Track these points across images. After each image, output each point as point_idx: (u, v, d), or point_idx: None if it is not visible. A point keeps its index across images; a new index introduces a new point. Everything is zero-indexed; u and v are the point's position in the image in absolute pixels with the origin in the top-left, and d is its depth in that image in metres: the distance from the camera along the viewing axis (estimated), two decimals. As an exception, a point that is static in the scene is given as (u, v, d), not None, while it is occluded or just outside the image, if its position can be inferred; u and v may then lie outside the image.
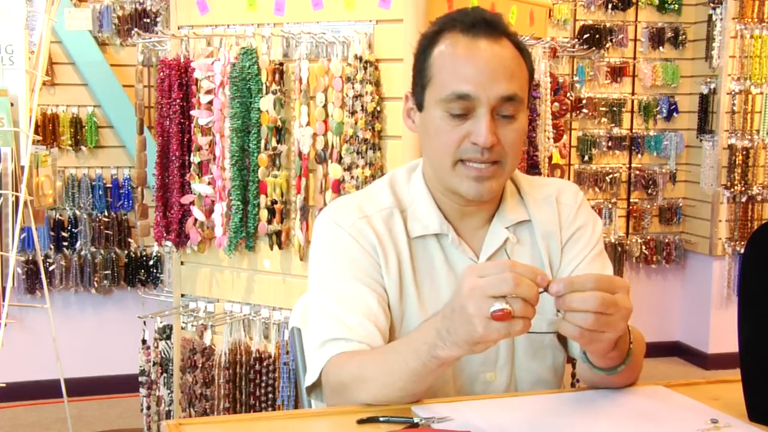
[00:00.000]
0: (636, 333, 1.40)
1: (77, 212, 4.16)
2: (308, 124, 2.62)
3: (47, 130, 4.07)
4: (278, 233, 2.71)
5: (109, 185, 4.19)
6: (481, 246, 1.52)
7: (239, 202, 2.73)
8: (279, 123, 2.67)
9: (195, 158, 2.82)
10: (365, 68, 2.53)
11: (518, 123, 1.44)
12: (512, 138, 1.43)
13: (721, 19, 4.76)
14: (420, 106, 1.49)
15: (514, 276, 1.12)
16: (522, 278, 1.12)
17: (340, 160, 2.57)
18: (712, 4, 4.80)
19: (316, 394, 1.48)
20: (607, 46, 4.92)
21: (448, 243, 1.51)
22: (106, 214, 4.18)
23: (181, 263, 2.99)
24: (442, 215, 1.51)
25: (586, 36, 4.82)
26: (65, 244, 4.15)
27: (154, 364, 3.02)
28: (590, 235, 1.56)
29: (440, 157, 1.45)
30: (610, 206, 4.99)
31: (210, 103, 2.77)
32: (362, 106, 2.53)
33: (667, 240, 5.11)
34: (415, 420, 1.24)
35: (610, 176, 4.98)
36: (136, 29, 3.81)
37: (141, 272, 4.27)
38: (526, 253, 1.54)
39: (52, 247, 4.13)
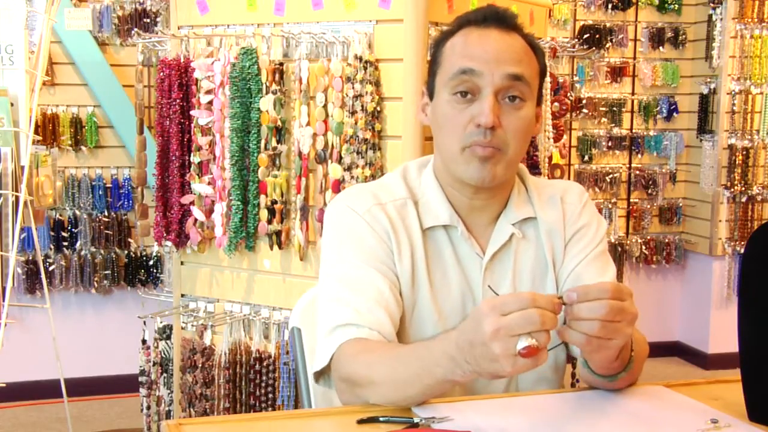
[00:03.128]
0: (639, 337, 1.40)
1: (77, 212, 4.16)
2: (308, 124, 2.62)
3: (47, 130, 4.07)
4: (278, 233, 2.71)
5: (109, 185, 4.19)
6: (488, 242, 1.53)
7: (239, 202, 2.73)
8: (279, 123, 2.67)
9: (195, 158, 2.82)
10: (365, 68, 2.53)
11: (524, 111, 1.45)
12: (516, 125, 1.44)
13: (721, 19, 4.76)
14: (431, 95, 1.52)
15: (541, 313, 1.09)
16: (546, 313, 1.10)
17: (340, 160, 2.57)
18: (712, 4, 4.80)
19: (325, 380, 1.48)
20: (607, 46, 4.92)
21: (458, 235, 1.52)
22: (106, 214, 4.18)
23: (181, 263, 2.99)
24: (452, 208, 1.52)
25: (586, 36, 4.82)
26: (65, 244, 4.15)
27: (154, 364, 3.02)
28: (593, 234, 1.56)
29: (449, 143, 1.47)
30: (610, 206, 4.99)
31: (210, 103, 2.77)
32: (362, 106, 2.53)
33: (667, 240, 5.11)
34: (415, 420, 1.24)
35: (610, 176, 4.98)
36: (136, 29, 3.81)
37: (141, 272, 4.27)
38: (530, 249, 1.55)
39: (52, 247, 4.13)
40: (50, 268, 4.14)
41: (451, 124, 1.45)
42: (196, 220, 2.85)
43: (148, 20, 4.16)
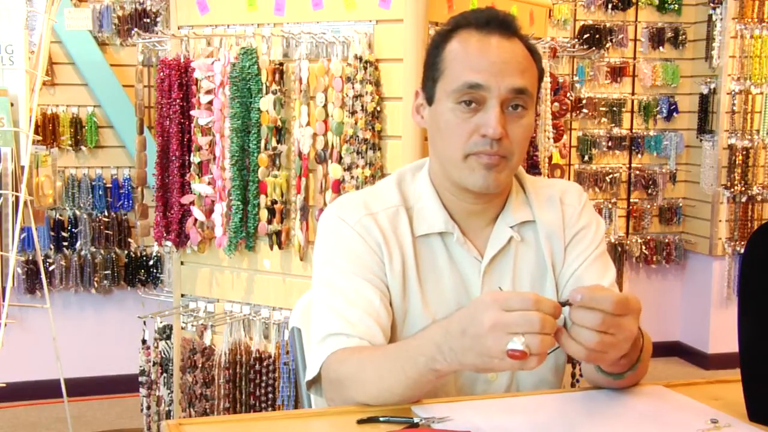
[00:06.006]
0: (644, 337, 1.40)
1: (77, 212, 4.16)
2: (308, 124, 2.62)
3: (47, 130, 4.07)
4: (278, 233, 2.71)
5: (109, 185, 4.19)
6: (486, 246, 1.52)
7: (239, 202, 2.73)
8: (279, 123, 2.67)
9: (195, 158, 2.82)
10: (365, 68, 2.53)
11: (526, 119, 1.45)
12: (519, 133, 1.44)
13: (721, 19, 4.76)
14: (430, 100, 1.51)
15: (541, 317, 1.09)
16: (547, 318, 1.09)
17: (340, 160, 2.57)
18: (712, 4, 4.80)
19: (316, 389, 1.48)
20: (607, 46, 4.92)
21: (453, 242, 1.51)
22: (106, 214, 4.18)
23: (181, 263, 2.99)
24: (448, 214, 1.52)
25: (586, 36, 4.82)
26: (65, 244, 4.15)
27: (154, 364, 3.02)
28: (593, 236, 1.56)
29: (450, 150, 1.45)
30: (610, 206, 4.99)
31: (210, 103, 2.77)
32: (362, 106, 2.53)
33: (667, 240, 5.11)
34: (415, 420, 1.24)
35: (610, 176, 4.98)
36: (136, 29, 3.81)
37: (141, 272, 4.26)
38: (530, 253, 1.54)
39: (52, 247, 4.13)
40: (50, 268, 4.14)
41: (455, 132, 1.44)
42: (196, 220, 2.85)
43: (148, 20, 4.16)
